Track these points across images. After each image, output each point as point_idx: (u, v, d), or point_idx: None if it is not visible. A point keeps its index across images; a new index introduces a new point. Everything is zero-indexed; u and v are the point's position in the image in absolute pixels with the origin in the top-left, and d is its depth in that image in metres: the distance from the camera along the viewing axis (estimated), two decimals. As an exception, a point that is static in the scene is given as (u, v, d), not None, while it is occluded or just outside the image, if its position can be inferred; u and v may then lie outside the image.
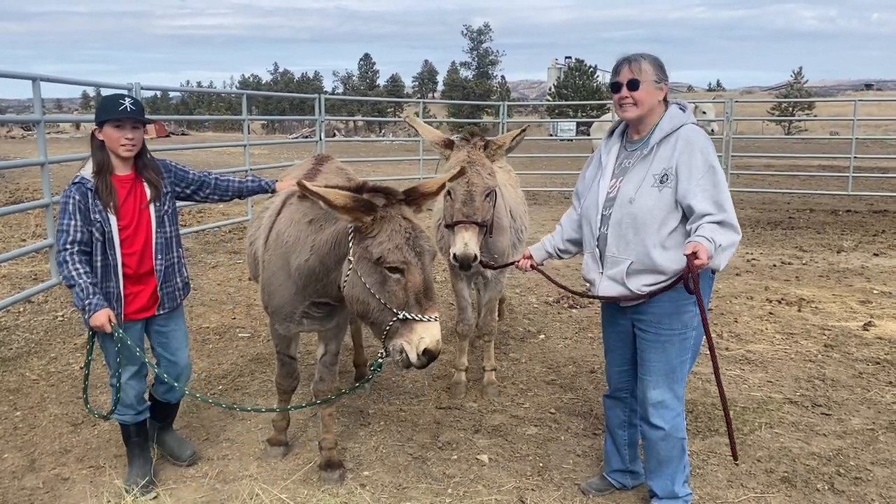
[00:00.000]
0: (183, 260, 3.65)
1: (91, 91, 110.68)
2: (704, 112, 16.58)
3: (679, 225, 2.97)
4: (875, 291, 7.25)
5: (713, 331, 5.88)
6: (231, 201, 4.08)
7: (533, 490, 3.56)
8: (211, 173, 3.78)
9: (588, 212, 3.20)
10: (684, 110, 3.07)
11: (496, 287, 4.73)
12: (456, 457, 3.90)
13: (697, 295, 2.80)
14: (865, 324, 6.12)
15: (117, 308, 3.35)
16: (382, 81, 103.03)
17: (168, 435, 3.90)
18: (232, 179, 3.86)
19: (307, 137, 25.17)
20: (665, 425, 3.12)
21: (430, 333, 2.72)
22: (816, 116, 51.22)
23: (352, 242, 2.88)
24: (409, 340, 2.73)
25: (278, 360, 3.85)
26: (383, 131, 56.96)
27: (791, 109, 58.44)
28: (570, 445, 4.04)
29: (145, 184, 3.42)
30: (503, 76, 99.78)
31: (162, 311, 3.53)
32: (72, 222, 3.23)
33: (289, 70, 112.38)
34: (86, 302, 3.17)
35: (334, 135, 37.06)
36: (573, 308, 6.72)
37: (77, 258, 3.21)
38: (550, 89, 72.35)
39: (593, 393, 4.75)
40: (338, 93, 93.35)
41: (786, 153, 20.56)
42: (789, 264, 8.57)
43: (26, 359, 5.39)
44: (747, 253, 9.12)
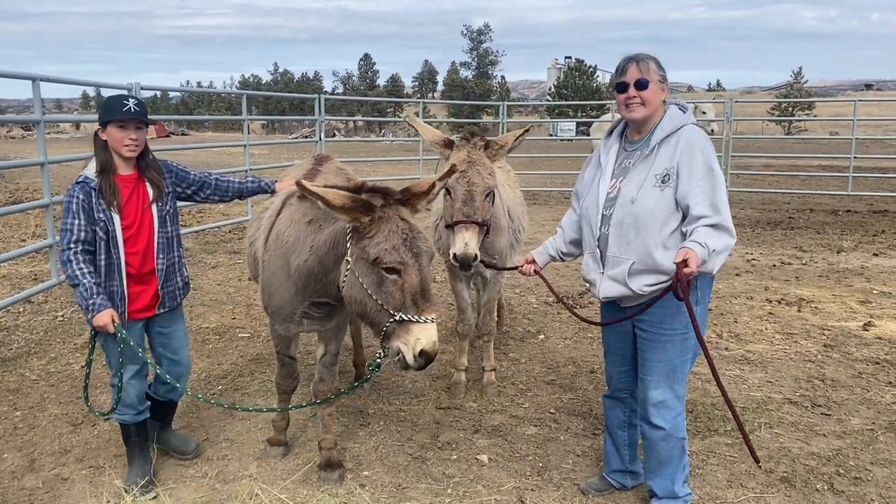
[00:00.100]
0: (183, 260, 3.67)
1: (91, 91, 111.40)
2: (704, 112, 16.59)
3: (680, 225, 2.97)
4: (875, 291, 7.25)
5: (712, 331, 5.89)
6: (231, 202, 4.11)
7: (532, 490, 3.56)
8: (211, 174, 3.81)
9: (588, 212, 3.19)
10: (684, 111, 3.07)
11: (495, 287, 4.73)
12: (456, 457, 3.91)
13: (687, 303, 2.80)
14: (865, 324, 6.12)
15: (121, 307, 3.36)
16: (382, 81, 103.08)
17: (168, 433, 3.92)
18: (232, 180, 3.89)
19: (307, 137, 25.17)
20: (666, 425, 3.12)
21: (427, 335, 2.71)
22: (816, 116, 51.24)
23: (350, 243, 2.89)
24: (406, 342, 2.72)
25: (278, 361, 3.85)
26: (383, 131, 56.93)
27: (791, 109, 58.43)
28: (570, 445, 4.04)
29: (148, 184, 3.44)
30: (503, 76, 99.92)
31: (162, 311, 3.55)
32: (76, 221, 3.23)
33: (289, 70, 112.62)
34: (89, 302, 3.18)
35: (334, 135, 37.05)
36: (573, 308, 6.72)
37: (81, 257, 3.22)
38: (550, 89, 72.34)
39: (593, 393, 4.75)
40: (338, 93, 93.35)
41: (786, 153, 20.53)
42: (789, 264, 8.57)
43: (26, 359, 5.39)
44: (747, 253, 9.12)
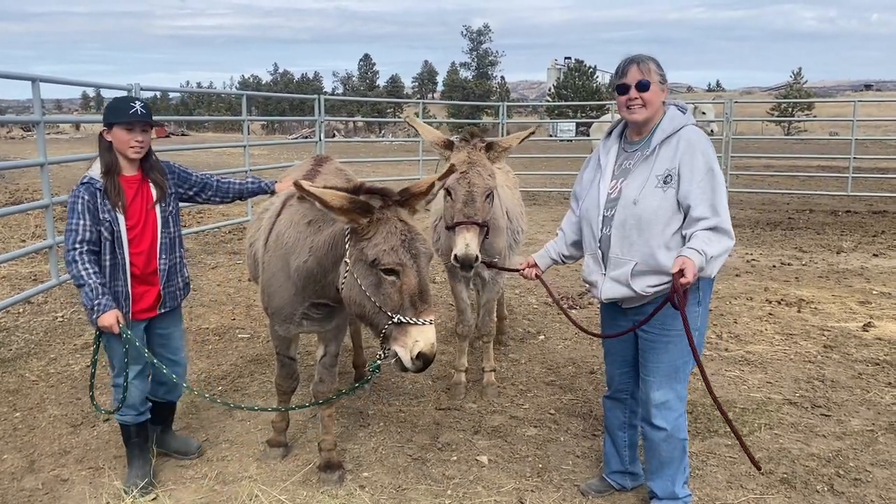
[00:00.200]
0: (184, 260, 3.71)
1: (91, 91, 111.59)
2: (704, 113, 16.60)
3: (682, 225, 2.97)
4: (874, 292, 7.25)
5: (712, 332, 5.88)
6: (232, 203, 4.13)
7: (532, 491, 3.56)
8: (213, 175, 3.84)
9: (588, 213, 3.18)
10: (684, 112, 3.07)
11: (494, 288, 4.73)
12: (455, 458, 3.90)
13: (683, 314, 2.80)
14: (865, 324, 6.12)
15: (125, 307, 3.39)
16: (382, 82, 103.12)
17: (169, 436, 3.92)
18: (232, 181, 3.92)
19: (307, 138, 25.15)
20: (667, 426, 3.12)
21: (425, 337, 2.70)
22: (816, 117, 51.18)
23: (348, 244, 2.88)
24: (404, 344, 2.72)
25: (278, 362, 3.85)
26: (383, 132, 56.92)
27: (790, 110, 58.34)
28: (570, 446, 4.04)
29: (151, 184, 3.47)
30: (503, 77, 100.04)
31: (163, 310, 3.57)
32: (81, 222, 3.25)
33: (289, 70, 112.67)
34: (95, 302, 3.20)
35: (334, 135, 37.12)
36: (572, 309, 6.72)
37: (86, 258, 3.24)
38: (550, 90, 72.28)
39: (593, 394, 4.75)
40: (337, 93, 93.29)
41: (785, 154, 20.51)
42: (789, 265, 8.57)
43: (26, 360, 5.38)
44: (747, 253, 9.12)
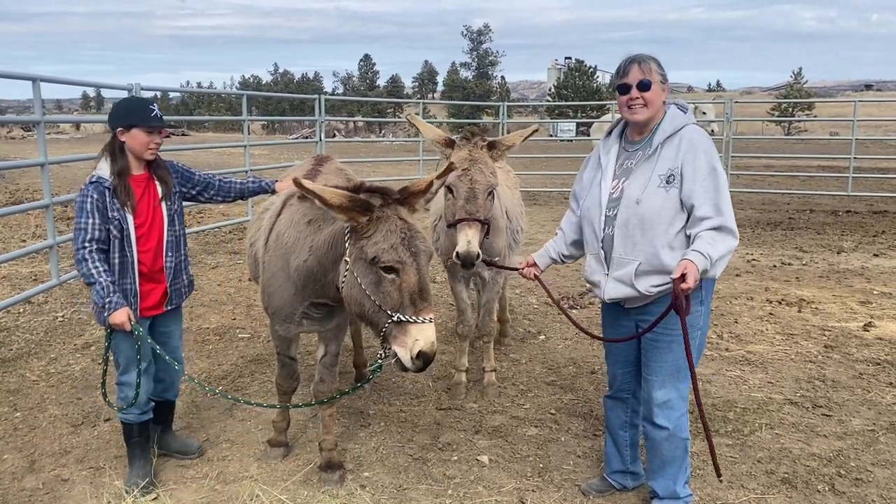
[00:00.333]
0: (188, 258, 3.76)
1: (91, 91, 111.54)
2: (704, 113, 16.63)
3: (686, 225, 2.97)
4: (875, 292, 7.25)
5: (713, 332, 5.88)
6: (233, 202, 4.15)
7: (533, 491, 3.56)
8: (215, 175, 3.87)
9: (590, 213, 3.17)
10: (685, 111, 3.07)
11: (494, 288, 4.72)
12: (456, 458, 3.90)
13: (683, 322, 2.80)
14: (866, 324, 6.12)
15: (134, 304, 3.42)
16: (382, 82, 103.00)
17: (170, 436, 3.93)
18: (234, 181, 3.96)
19: (307, 138, 25.13)
20: (669, 425, 3.12)
21: (425, 336, 2.70)
22: (816, 117, 51.11)
23: (348, 243, 2.89)
24: (404, 343, 2.71)
25: (278, 361, 3.85)
26: (383, 132, 56.87)
27: (791, 110, 58.25)
28: (571, 446, 4.04)
29: (157, 182, 3.51)
30: (503, 77, 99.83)
31: (170, 307, 3.63)
32: (90, 220, 3.28)
33: (289, 71, 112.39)
34: (106, 300, 3.22)
35: (334, 135, 37.08)
36: (573, 309, 6.72)
37: (96, 256, 3.27)
38: (550, 90, 72.22)
39: (594, 394, 4.75)
40: (338, 93, 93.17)
41: (786, 154, 20.50)
42: (789, 265, 8.57)
43: (26, 360, 5.38)
44: (747, 253, 9.12)
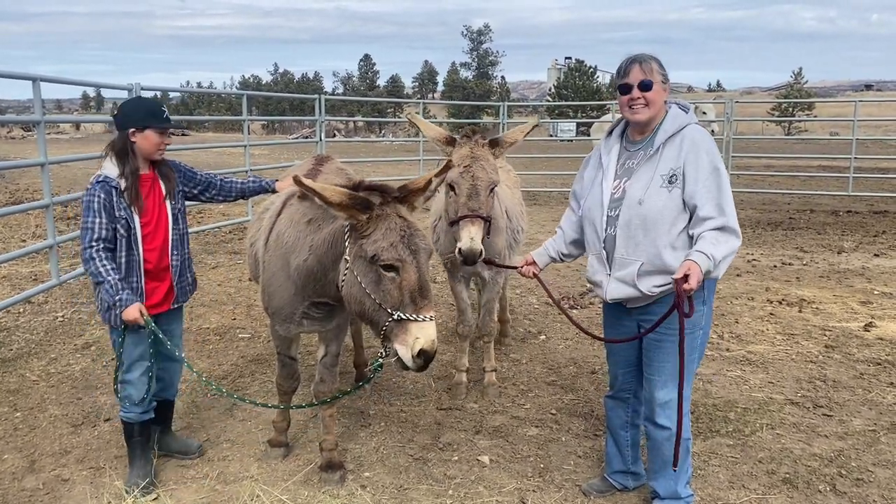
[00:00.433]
0: (191, 257, 3.78)
1: (91, 91, 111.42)
2: (705, 112, 16.63)
3: (688, 225, 2.96)
4: (876, 292, 7.24)
5: (714, 332, 5.87)
6: (234, 202, 4.16)
7: (534, 491, 3.55)
8: (216, 175, 3.89)
9: (591, 213, 3.17)
10: (686, 111, 3.06)
11: (494, 288, 4.72)
12: (457, 458, 3.90)
13: (681, 324, 2.80)
14: (866, 324, 6.11)
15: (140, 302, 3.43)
16: (382, 82, 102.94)
17: (169, 437, 3.92)
18: (234, 181, 3.98)
19: (307, 138, 25.13)
20: (671, 425, 3.11)
21: (426, 334, 2.70)
22: (816, 117, 51.10)
23: (348, 241, 2.88)
24: (405, 342, 2.71)
25: (279, 362, 3.85)
26: (383, 132, 56.87)
27: (791, 110, 58.22)
28: (572, 446, 4.04)
29: (161, 181, 3.54)
30: (503, 77, 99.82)
31: (176, 306, 3.65)
32: (97, 220, 3.29)
33: (289, 71, 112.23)
34: (116, 298, 3.25)
35: (334, 135, 37.08)
36: (573, 309, 6.71)
37: (103, 255, 3.29)
38: (550, 90, 72.24)
39: (594, 394, 4.74)
40: (338, 93, 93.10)
41: (786, 154, 20.48)
42: (790, 265, 8.56)
43: (26, 360, 5.38)
44: (748, 253, 9.11)
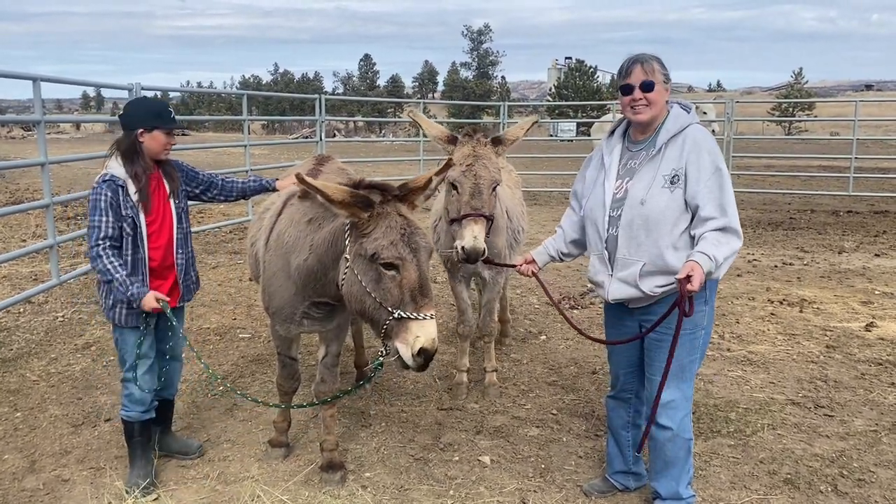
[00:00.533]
0: (194, 256, 3.81)
1: (91, 91, 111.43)
2: (705, 112, 16.63)
3: (690, 225, 2.95)
4: (877, 292, 7.24)
5: (714, 332, 5.86)
6: (235, 201, 4.18)
7: (535, 492, 3.55)
8: (217, 175, 3.91)
9: (593, 213, 3.16)
10: (688, 111, 3.05)
11: (495, 288, 4.71)
12: (457, 458, 3.89)
13: (679, 324, 2.81)
14: (867, 325, 6.11)
15: None
16: (382, 82, 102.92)
17: (169, 437, 3.92)
18: (235, 180, 4.00)
19: (307, 138, 25.13)
20: (673, 425, 3.11)
21: (426, 332, 2.69)
22: (817, 117, 51.13)
23: (348, 240, 2.88)
24: (405, 341, 2.71)
25: (279, 362, 3.84)
26: (383, 132, 56.86)
27: (791, 110, 58.21)
28: (572, 447, 4.03)
29: (165, 180, 3.56)
30: (503, 77, 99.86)
31: (181, 304, 3.67)
32: (104, 218, 3.31)
33: (289, 70, 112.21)
34: (129, 293, 3.28)
35: (334, 135, 37.05)
36: (574, 309, 6.71)
37: (111, 252, 3.32)
38: (551, 90, 72.23)
39: (595, 394, 4.74)
40: (338, 93, 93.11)
41: (786, 154, 20.52)
42: (790, 265, 8.56)
43: (26, 359, 5.38)
44: (749, 254, 9.10)
